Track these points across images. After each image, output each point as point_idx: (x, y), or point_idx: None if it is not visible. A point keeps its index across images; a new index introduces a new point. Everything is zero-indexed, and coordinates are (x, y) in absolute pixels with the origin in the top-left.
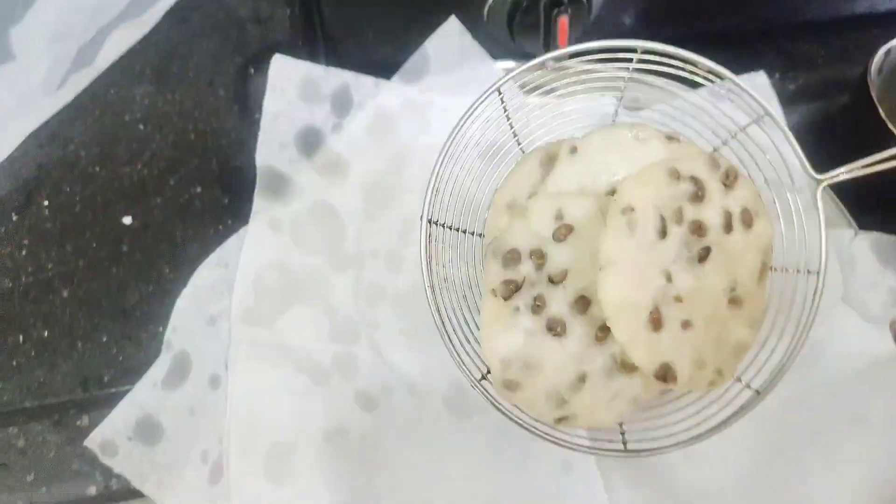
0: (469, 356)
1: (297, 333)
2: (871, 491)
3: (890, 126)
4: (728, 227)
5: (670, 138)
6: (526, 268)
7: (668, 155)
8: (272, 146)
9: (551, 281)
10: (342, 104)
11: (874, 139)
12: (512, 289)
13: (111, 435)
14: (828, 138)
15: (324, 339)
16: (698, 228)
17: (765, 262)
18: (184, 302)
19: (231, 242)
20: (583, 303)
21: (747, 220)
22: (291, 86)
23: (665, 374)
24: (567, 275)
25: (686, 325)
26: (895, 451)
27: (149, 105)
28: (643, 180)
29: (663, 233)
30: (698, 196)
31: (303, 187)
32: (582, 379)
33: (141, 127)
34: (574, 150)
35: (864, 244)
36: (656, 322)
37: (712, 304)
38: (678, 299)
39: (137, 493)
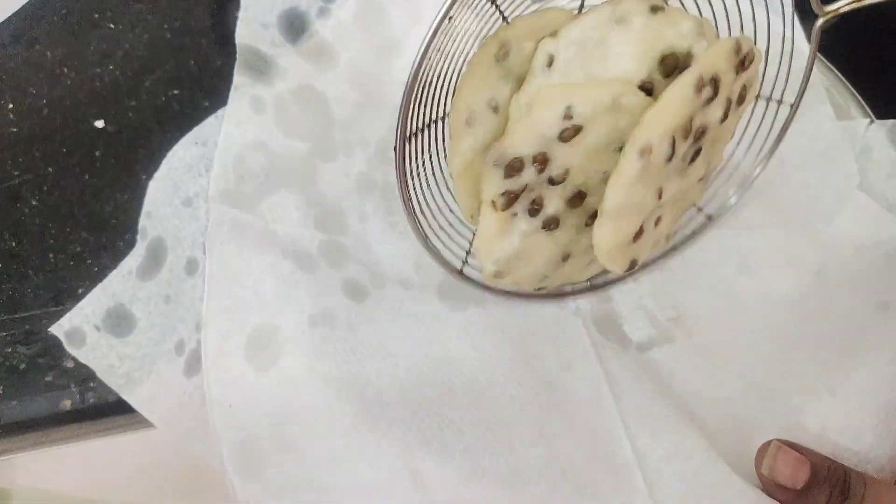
0: (447, 247)
1: (282, 219)
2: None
3: None
4: (725, 116)
5: (655, 8)
6: (528, 175)
7: (651, 34)
8: (254, 25)
9: (551, 181)
10: None
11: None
12: (511, 199)
13: (79, 322)
14: (843, 29)
15: (310, 226)
16: (701, 133)
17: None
18: (157, 184)
19: (209, 121)
20: (579, 197)
21: (741, 97)
22: None
23: (633, 266)
24: (568, 173)
25: (658, 220)
26: None
27: (119, 3)
28: (667, 110)
29: (671, 157)
30: (710, 100)
31: (286, 70)
32: (566, 258)
33: (111, 26)
34: (551, 60)
35: (880, 132)
36: (637, 236)
37: (687, 191)
38: (659, 206)
39: (115, 409)
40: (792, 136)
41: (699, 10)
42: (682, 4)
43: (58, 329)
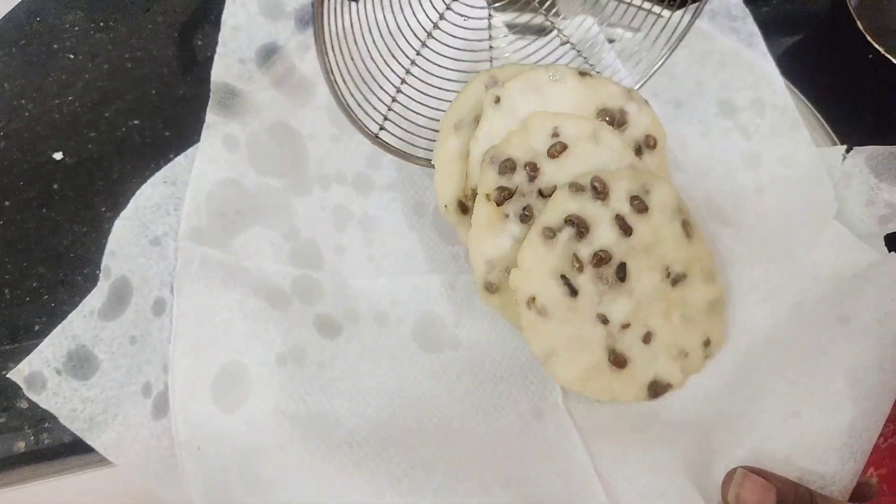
0: (363, 108)
1: (254, 255)
2: (857, 396)
3: (868, 38)
4: (627, 231)
5: (583, 74)
6: (519, 177)
7: (584, 91)
8: (231, 61)
9: (541, 194)
10: (307, 23)
11: (852, 53)
12: (505, 195)
13: (38, 366)
14: (807, 53)
15: (284, 261)
16: (601, 258)
17: (685, 220)
18: (124, 223)
19: (179, 160)
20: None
21: (640, 207)
22: (253, 0)
23: (657, 390)
24: (556, 189)
25: (647, 337)
26: (879, 354)
27: (80, 33)
28: (526, 266)
29: (574, 292)
30: (581, 232)
31: (262, 106)
32: None
33: (71, 56)
34: (497, 99)
35: (859, 159)
36: (619, 361)
37: (658, 300)
38: (625, 326)
39: (71, 449)
40: (770, 162)
41: None
42: None
43: (16, 375)
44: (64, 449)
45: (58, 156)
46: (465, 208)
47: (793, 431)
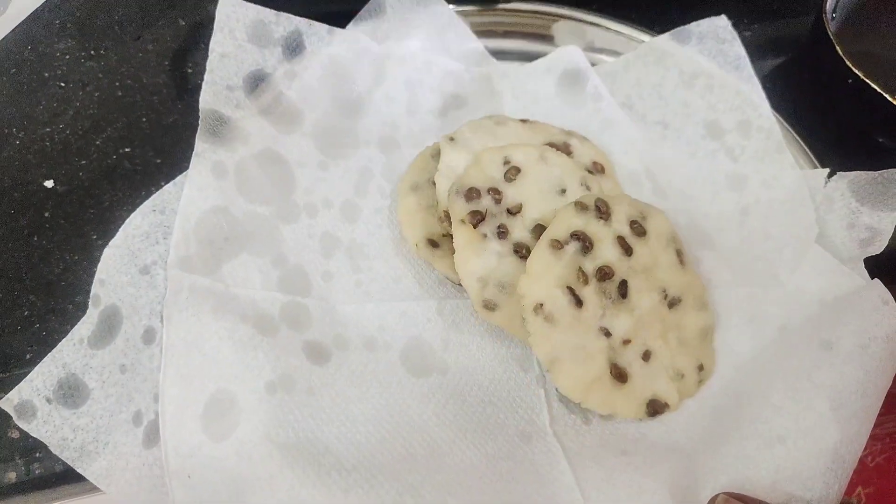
0: None
1: (243, 282)
2: (841, 421)
3: (847, 63)
4: (628, 251)
5: (524, 121)
6: (486, 202)
7: (528, 132)
8: (218, 88)
9: (510, 212)
10: (294, 51)
11: (833, 77)
12: (478, 217)
13: (28, 395)
14: (787, 78)
15: (272, 288)
16: (605, 273)
17: (678, 249)
18: (113, 251)
19: (168, 188)
20: (541, 230)
21: (639, 231)
22: (241, 28)
23: (656, 408)
24: (522, 207)
25: (646, 355)
26: (861, 379)
27: (71, 61)
28: (534, 274)
29: (579, 302)
30: (587, 246)
31: (250, 134)
32: None
33: (62, 84)
34: (452, 139)
35: (842, 183)
36: (620, 375)
37: (656, 321)
38: (626, 342)
39: (62, 479)
40: (755, 184)
41: None
42: None
43: (6, 404)
44: (55, 478)
45: (49, 184)
46: (435, 244)
47: (778, 457)
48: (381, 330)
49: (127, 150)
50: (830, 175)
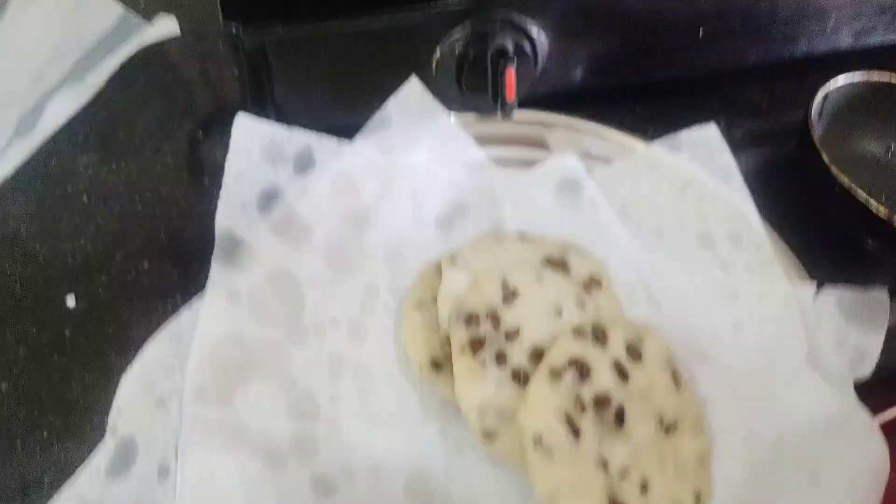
0: None
1: (254, 411)
2: None
3: (833, 171)
4: (624, 376)
5: (523, 236)
6: (485, 327)
7: (527, 247)
8: (234, 207)
9: (508, 337)
10: (305, 166)
11: (819, 184)
12: (478, 346)
13: None
14: (775, 184)
15: (281, 415)
16: (601, 401)
17: (674, 371)
18: (130, 380)
19: (184, 315)
20: (538, 354)
21: (636, 354)
22: (255, 146)
23: None
24: (520, 331)
25: (644, 486)
26: None
27: (93, 175)
28: (533, 404)
29: (577, 433)
30: (584, 373)
31: (261, 252)
32: None
33: (85, 199)
34: (453, 259)
35: (829, 301)
36: None
37: (653, 448)
38: (624, 472)
39: None
40: (747, 298)
41: None
42: None
43: None
44: None
45: (70, 302)
46: (438, 365)
47: None
48: (386, 457)
49: (145, 265)
50: (819, 288)
